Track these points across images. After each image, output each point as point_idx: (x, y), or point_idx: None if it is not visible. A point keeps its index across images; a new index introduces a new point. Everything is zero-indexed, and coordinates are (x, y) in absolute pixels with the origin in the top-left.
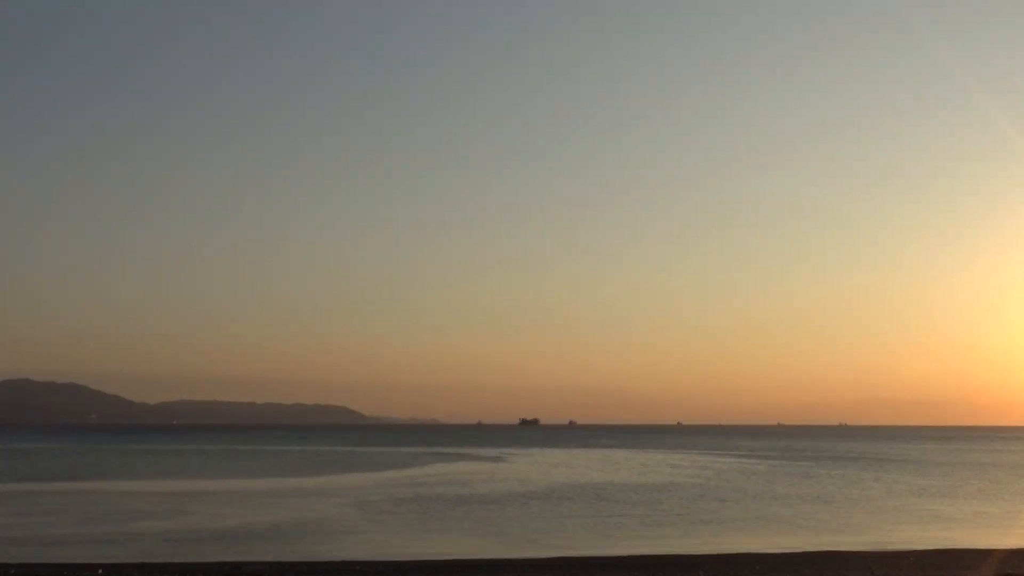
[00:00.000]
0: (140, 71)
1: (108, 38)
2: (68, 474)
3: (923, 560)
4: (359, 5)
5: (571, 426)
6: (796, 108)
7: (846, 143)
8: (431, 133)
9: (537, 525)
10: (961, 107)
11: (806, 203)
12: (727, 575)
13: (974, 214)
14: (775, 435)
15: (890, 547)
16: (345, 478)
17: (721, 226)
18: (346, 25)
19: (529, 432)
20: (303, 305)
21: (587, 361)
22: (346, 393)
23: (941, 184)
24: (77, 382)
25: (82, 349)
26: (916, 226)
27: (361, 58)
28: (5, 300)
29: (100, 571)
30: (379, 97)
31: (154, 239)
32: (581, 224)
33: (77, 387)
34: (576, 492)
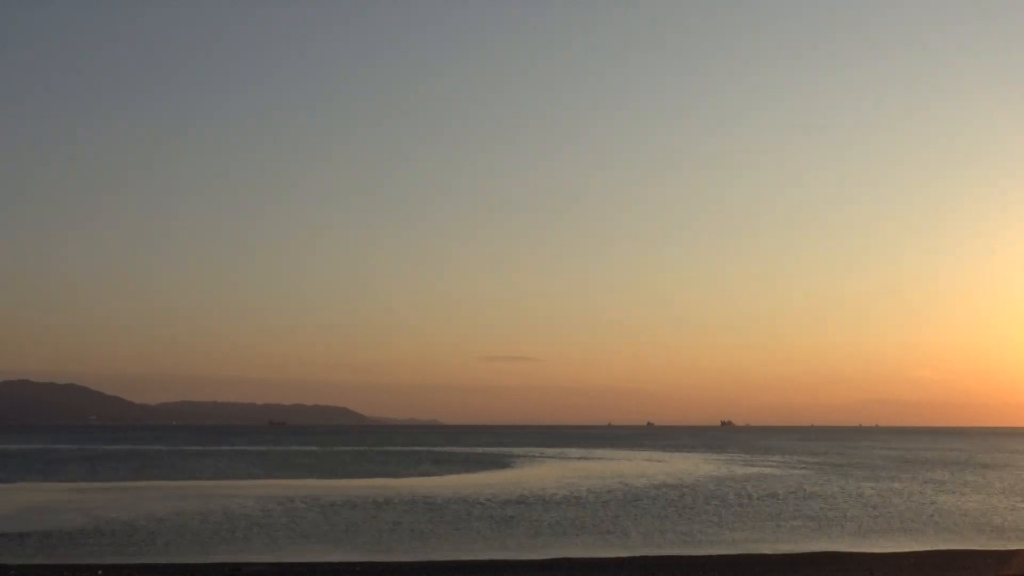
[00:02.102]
0: (138, 70)
1: (105, 34)
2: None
3: (923, 561)
4: None
5: (649, 427)
6: (799, 101)
7: (860, 142)
8: (430, 131)
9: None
10: (965, 109)
11: (822, 203)
12: (728, 575)
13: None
14: (840, 437)
15: (891, 548)
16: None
17: (727, 226)
18: (337, 18)
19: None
20: (304, 307)
21: (598, 362)
22: (346, 394)
23: (958, 181)
24: (77, 383)
25: (82, 350)
26: (930, 225)
27: (351, 55)
28: (5, 300)
29: (100, 572)
30: (380, 95)
31: (154, 240)
32: (583, 222)
33: (77, 388)
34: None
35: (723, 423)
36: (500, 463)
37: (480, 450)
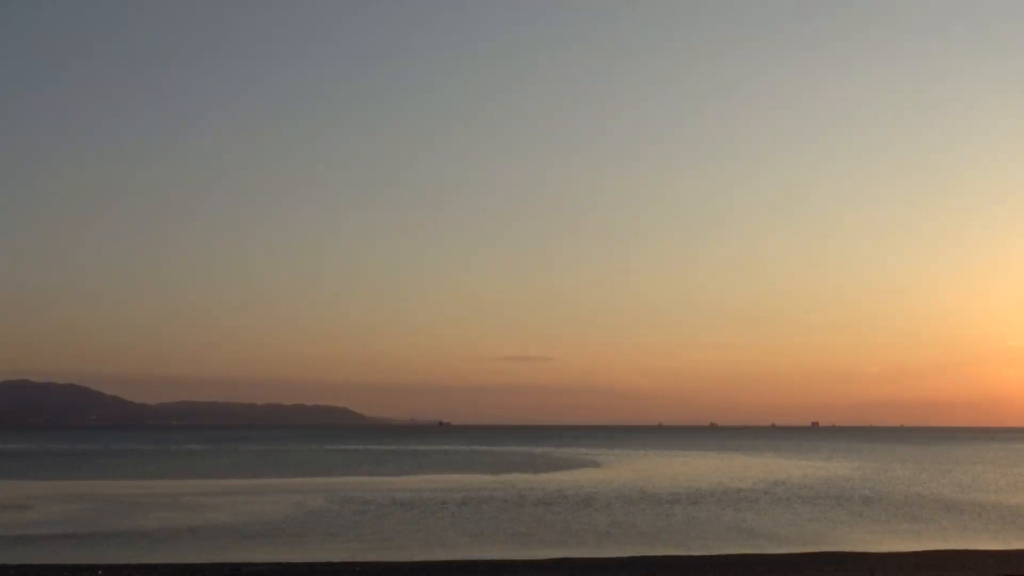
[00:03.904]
0: (136, 67)
1: (107, 33)
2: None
3: (923, 561)
4: None
5: (712, 427)
6: (824, 96)
7: (901, 133)
8: (429, 127)
9: None
10: (966, 111)
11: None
12: (728, 575)
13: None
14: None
15: (891, 548)
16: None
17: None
18: (354, 12)
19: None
20: (303, 305)
21: (600, 362)
22: (346, 394)
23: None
24: (77, 383)
25: (82, 349)
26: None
27: (360, 49)
28: (5, 300)
29: (100, 572)
30: (379, 90)
31: (154, 239)
32: (586, 220)
33: (77, 388)
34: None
35: (813, 424)
36: (584, 462)
37: (538, 450)
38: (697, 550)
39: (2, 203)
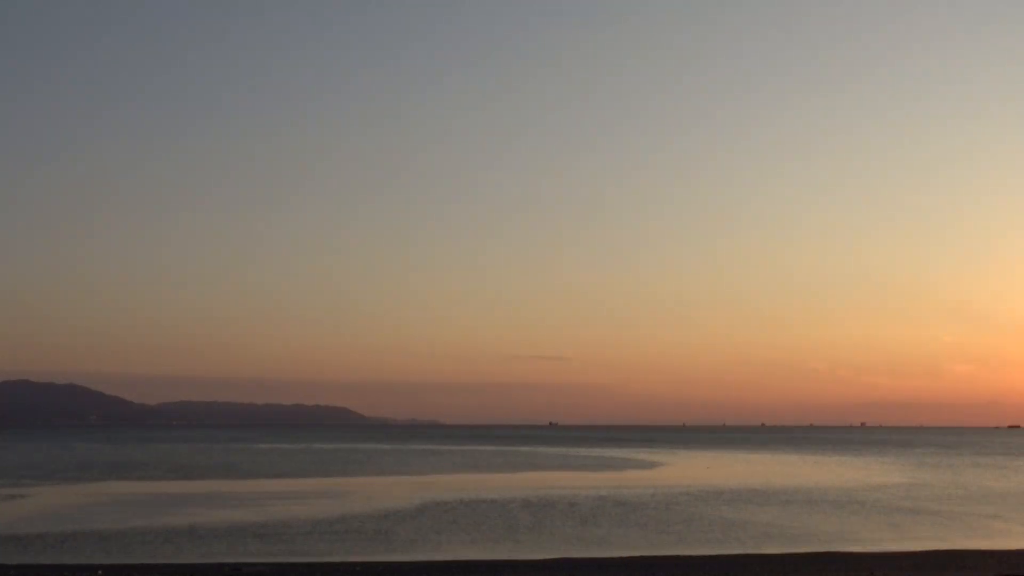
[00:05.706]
0: (135, 62)
1: (105, 29)
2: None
3: (923, 561)
4: None
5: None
6: (832, 100)
7: (911, 139)
8: (430, 127)
9: None
10: (962, 115)
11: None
12: (728, 575)
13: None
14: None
15: (891, 548)
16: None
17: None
18: (353, 7)
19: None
20: (303, 305)
21: (595, 361)
22: (346, 393)
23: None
24: (77, 383)
25: (82, 349)
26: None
27: (359, 46)
28: (5, 300)
29: (100, 572)
30: (379, 87)
31: (154, 238)
32: (590, 220)
33: (77, 388)
34: None
35: (862, 424)
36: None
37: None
38: (698, 550)
39: (2, 203)
